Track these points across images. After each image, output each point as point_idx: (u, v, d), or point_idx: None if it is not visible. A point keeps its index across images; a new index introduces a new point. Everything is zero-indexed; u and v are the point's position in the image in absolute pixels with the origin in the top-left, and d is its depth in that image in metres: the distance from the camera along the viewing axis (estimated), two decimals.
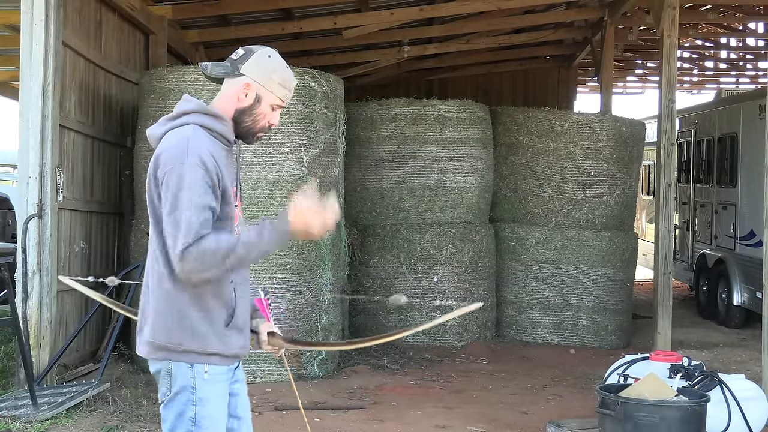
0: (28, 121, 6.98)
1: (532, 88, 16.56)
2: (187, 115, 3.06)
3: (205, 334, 3.01)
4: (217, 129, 3.04)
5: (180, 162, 2.90)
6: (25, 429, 6.00)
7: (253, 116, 3.11)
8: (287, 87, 3.13)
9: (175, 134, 3.00)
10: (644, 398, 5.09)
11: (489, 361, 9.13)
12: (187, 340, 3.00)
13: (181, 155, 2.92)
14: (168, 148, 2.97)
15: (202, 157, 2.92)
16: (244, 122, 3.11)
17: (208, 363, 3.01)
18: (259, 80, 3.08)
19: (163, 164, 2.94)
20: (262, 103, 3.10)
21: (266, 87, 3.09)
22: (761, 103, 10.67)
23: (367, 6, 11.12)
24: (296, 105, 7.80)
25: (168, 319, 3.00)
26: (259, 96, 3.09)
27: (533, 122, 10.32)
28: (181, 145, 2.94)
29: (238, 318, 3.08)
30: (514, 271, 10.28)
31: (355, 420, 6.60)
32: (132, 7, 8.89)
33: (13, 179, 15.82)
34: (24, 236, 6.94)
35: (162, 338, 3.01)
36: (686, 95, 23.49)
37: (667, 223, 9.12)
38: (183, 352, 3.00)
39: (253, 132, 3.15)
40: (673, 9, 9.01)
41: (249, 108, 3.10)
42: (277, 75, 3.11)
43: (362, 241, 9.66)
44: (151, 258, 3.07)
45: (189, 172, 2.90)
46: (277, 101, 3.12)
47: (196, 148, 2.93)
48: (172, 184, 2.90)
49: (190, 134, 2.97)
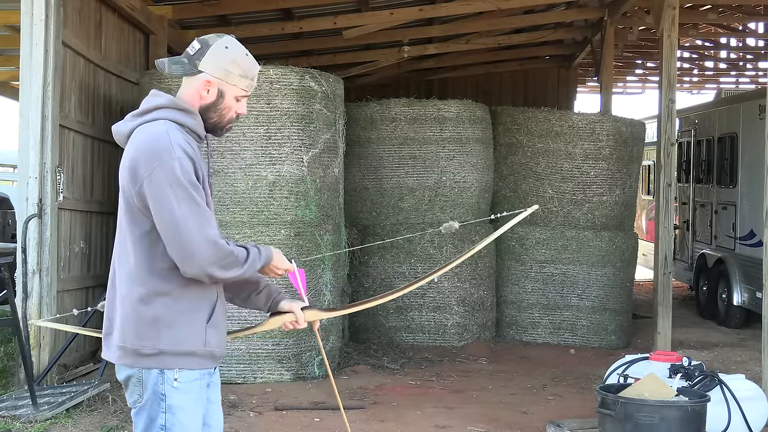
0: (28, 121, 6.98)
1: (532, 88, 16.55)
2: (158, 110, 2.97)
3: (179, 332, 2.92)
4: (188, 124, 2.97)
5: (168, 156, 2.83)
6: (25, 429, 6.01)
7: (219, 111, 3.05)
8: (249, 76, 3.05)
9: (149, 129, 2.92)
10: (644, 398, 5.08)
11: (489, 361, 9.14)
12: (159, 339, 2.91)
13: (166, 149, 2.84)
14: (146, 143, 2.88)
15: (186, 150, 2.87)
16: (211, 118, 3.05)
17: (180, 367, 2.93)
18: (219, 75, 3.00)
19: (145, 162, 2.85)
20: (225, 98, 3.03)
21: (227, 81, 3.01)
22: (761, 103, 10.67)
23: (367, 6, 11.12)
24: (296, 105, 7.80)
25: (139, 321, 2.92)
26: (221, 91, 3.02)
27: (533, 122, 10.32)
28: (162, 140, 2.87)
29: (217, 314, 3.02)
30: (514, 271, 10.28)
31: (355, 420, 6.59)
32: (132, 7, 8.89)
33: (13, 179, 15.83)
34: (24, 236, 6.94)
35: (132, 341, 2.92)
36: (686, 95, 23.51)
37: (667, 223, 9.13)
38: (154, 355, 2.91)
39: (221, 126, 3.09)
40: (673, 9, 9.02)
41: (213, 104, 3.03)
42: (237, 67, 3.02)
43: (362, 241, 9.66)
44: (120, 258, 2.99)
45: (180, 164, 2.84)
46: (240, 92, 3.05)
47: (177, 141, 2.88)
48: (166, 178, 2.82)
49: (165, 129, 2.90)
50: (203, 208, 2.87)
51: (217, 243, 2.86)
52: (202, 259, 2.84)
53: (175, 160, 2.83)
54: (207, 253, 2.84)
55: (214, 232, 2.86)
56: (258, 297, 3.28)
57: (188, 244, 2.83)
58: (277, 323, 3.28)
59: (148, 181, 2.84)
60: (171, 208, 2.82)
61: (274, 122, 7.77)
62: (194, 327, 2.94)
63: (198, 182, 2.89)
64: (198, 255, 2.84)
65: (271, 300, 3.27)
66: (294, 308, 3.25)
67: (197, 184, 2.88)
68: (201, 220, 2.84)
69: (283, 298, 3.29)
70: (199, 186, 2.89)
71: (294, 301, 3.30)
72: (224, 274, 2.90)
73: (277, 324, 3.28)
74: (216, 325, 3.01)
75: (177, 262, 2.86)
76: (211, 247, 2.85)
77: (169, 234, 2.85)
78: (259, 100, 7.72)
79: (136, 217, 2.92)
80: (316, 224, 7.96)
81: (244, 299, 3.27)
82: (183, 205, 2.82)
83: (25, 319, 6.83)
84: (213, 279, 2.91)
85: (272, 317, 3.28)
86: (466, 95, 11.60)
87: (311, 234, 7.88)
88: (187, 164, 2.86)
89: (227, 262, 2.90)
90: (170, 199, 2.82)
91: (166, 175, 2.82)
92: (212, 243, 2.85)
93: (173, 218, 2.82)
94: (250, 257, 2.97)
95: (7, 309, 7.07)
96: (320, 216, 8.03)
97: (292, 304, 3.26)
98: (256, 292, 3.28)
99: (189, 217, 2.82)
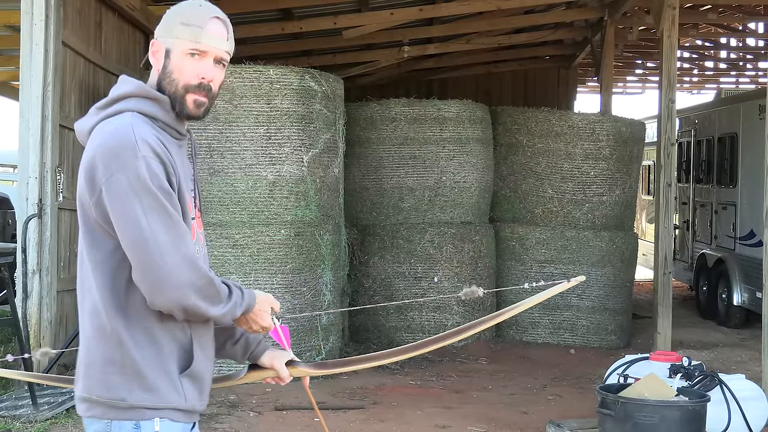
0: (28, 121, 6.98)
1: (532, 88, 16.55)
2: (125, 99, 2.45)
3: (154, 382, 2.34)
4: (161, 117, 2.43)
5: (131, 155, 2.28)
6: (25, 429, 6.01)
7: (168, 76, 2.45)
8: (193, 23, 2.43)
9: (111, 124, 2.38)
10: (644, 398, 5.08)
11: (489, 361, 9.14)
12: (131, 392, 2.34)
13: (129, 147, 2.29)
14: (105, 142, 2.33)
15: (154, 149, 2.32)
16: (165, 89, 2.45)
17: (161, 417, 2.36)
18: (161, 34, 2.48)
19: (104, 163, 2.30)
20: (171, 57, 2.45)
21: (170, 36, 2.45)
22: (761, 103, 10.67)
23: (367, 6, 11.12)
24: (296, 105, 7.81)
25: (106, 367, 2.35)
26: (167, 51, 2.45)
27: (533, 122, 10.32)
28: (124, 135, 2.31)
29: (197, 365, 2.42)
30: (514, 271, 10.28)
31: (355, 420, 6.60)
32: (132, 7, 8.89)
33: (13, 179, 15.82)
34: (24, 236, 6.94)
35: (99, 392, 2.35)
36: (686, 95, 23.51)
37: (667, 223, 9.13)
38: (128, 408, 2.34)
39: (179, 96, 2.44)
40: (673, 9, 9.02)
41: (162, 69, 2.46)
42: (179, 15, 2.46)
43: (362, 241, 9.66)
44: (82, 289, 2.42)
45: (146, 165, 2.29)
46: (188, 45, 2.43)
47: (144, 137, 2.32)
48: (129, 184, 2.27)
49: (131, 122, 2.35)
50: (177, 220, 2.30)
51: (196, 263, 2.30)
52: (177, 284, 2.26)
53: (141, 160, 2.28)
54: (183, 276, 2.27)
55: (191, 252, 2.31)
56: (235, 347, 2.70)
57: (158, 266, 2.25)
58: (256, 378, 2.75)
59: (107, 188, 2.28)
60: (136, 221, 2.26)
61: (274, 122, 7.77)
62: (169, 377, 2.37)
63: (172, 189, 2.34)
64: (171, 279, 2.26)
65: (249, 352, 2.71)
66: (276, 365, 2.68)
67: (170, 191, 2.32)
68: (174, 235, 2.27)
69: (265, 349, 2.71)
70: (173, 194, 2.33)
71: (277, 352, 2.73)
72: (205, 308, 2.32)
73: (257, 378, 2.75)
74: (194, 376, 2.42)
75: (144, 289, 2.29)
76: (189, 269, 2.28)
77: (134, 253, 2.27)
78: (259, 100, 7.72)
79: (96, 235, 2.36)
80: (316, 224, 7.96)
81: (218, 348, 2.63)
82: (152, 216, 2.26)
83: (25, 319, 6.83)
84: (189, 313, 2.31)
85: (251, 371, 2.72)
86: (466, 95, 11.59)
87: (311, 234, 7.88)
88: (156, 165, 2.30)
89: (209, 293, 2.32)
90: (135, 209, 2.26)
91: (130, 179, 2.26)
92: (190, 263, 2.29)
93: (139, 233, 2.26)
94: (233, 297, 2.40)
95: (7, 309, 7.06)
96: (320, 216, 8.03)
97: (275, 360, 2.69)
98: (232, 341, 2.69)
99: (160, 232, 2.26)
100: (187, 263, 2.28)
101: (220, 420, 6.43)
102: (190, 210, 2.43)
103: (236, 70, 7.71)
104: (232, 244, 7.63)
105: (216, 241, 7.60)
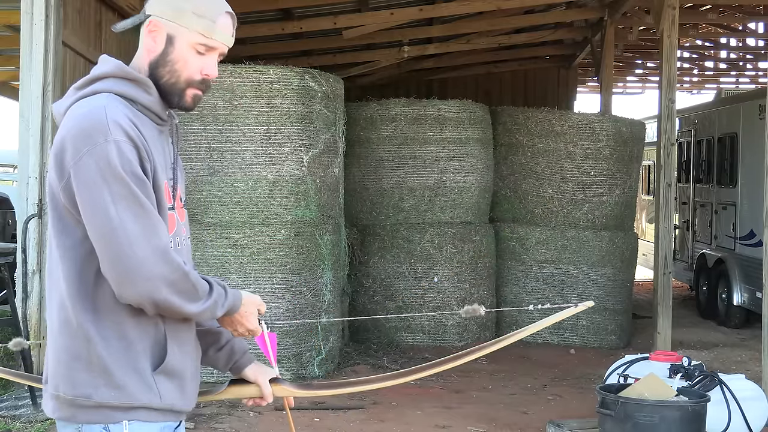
0: (28, 121, 6.98)
1: (532, 88, 16.54)
2: (101, 80, 2.28)
3: (121, 379, 2.19)
4: (141, 100, 2.27)
5: (102, 138, 2.13)
6: (25, 429, 6.01)
7: (169, 65, 2.30)
8: (207, 15, 2.29)
9: (83, 105, 2.22)
10: (644, 398, 5.09)
11: (489, 361, 9.13)
12: (98, 389, 2.19)
13: (99, 129, 2.14)
14: (77, 124, 2.17)
15: (127, 131, 2.17)
16: (162, 77, 2.30)
17: (129, 419, 2.21)
18: (166, 15, 2.29)
19: (73, 146, 2.15)
20: (176, 45, 2.29)
21: (177, 22, 2.28)
22: (761, 103, 10.67)
23: (367, 6, 11.12)
24: (296, 105, 7.81)
25: (71, 363, 2.21)
26: (170, 36, 2.29)
27: (533, 122, 10.33)
28: (96, 117, 2.16)
29: (171, 361, 2.27)
30: (514, 271, 10.28)
31: (355, 420, 6.60)
32: (132, 7, 8.88)
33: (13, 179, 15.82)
34: (24, 236, 6.93)
35: (67, 390, 2.21)
36: (686, 95, 23.51)
37: (667, 223, 9.13)
38: (95, 407, 2.19)
39: (178, 89, 2.31)
40: (673, 9, 9.02)
41: (162, 56, 2.30)
42: (190, 4, 2.29)
43: (362, 241, 9.67)
44: (50, 280, 2.27)
45: (117, 148, 2.14)
46: (197, 39, 2.29)
47: (116, 119, 2.17)
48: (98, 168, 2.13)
49: (104, 103, 2.20)
50: (148, 209, 2.15)
51: (169, 256, 2.15)
52: (148, 276, 2.12)
53: (111, 143, 2.13)
54: (155, 267, 2.13)
55: (164, 243, 2.16)
56: (218, 354, 2.55)
57: (127, 257, 2.11)
58: (235, 395, 2.59)
59: (75, 171, 2.14)
60: (104, 207, 2.12)
61: (274, 122, 7.77)
62: (140, 370, 2.22)
63: (146, 176, 2.19)
64: (141, 270, 2.12)
65: (233, 361, 2.55)
66: (260, 380, 2.53)
67: (143, 178, 2.17)
68: (145, 225, 2.13)
69: (250, 361, 2.56)
70: (146, 181, 2.18)
71: (262, 367, 2.57)
72: (179, 304, 2.17)
73: (236, 396, 2.60)
74: (168, 373, 2.26)
75: (111, 281, 2.15)
76: (160, 261, 2.13)
77: (102, 243, 2.13)
78: (259, 100, 7.73)
79: (64, 221, 2.21)
80: (316, 224, 7.96)
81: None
82: (121, 204, 2.12)
83: (25, 319, 6.83)
84: (161, 308, 2.17)
85: (232, 386, 2.56)
86: (466, 95, 11.60)
87: (311, 234, 7.88)
88: (128, 150, 2.15)
89: (183, 287, 2.17)
90: (103, 196, 2.12)
91: (99, 163, 2.12)
92: (162, 254, 2.14)
93: (107, 221, 2.12)
94: (213, 295, 2.24)
95: (7, 309, 7.06)
96: (320, 216, 8.03)
97: (259, 376, 2.54)
98: (216, 347, 2.54)
99: (129, 221, 2.12)
100: (158, 255, 2.13)
101: (220, 420, 6.43)
102: (167, 199, 2.28)
103: (236, 70, 7.71)
104: (232, 244, 7.64)
105: (216, 241, 7.60)
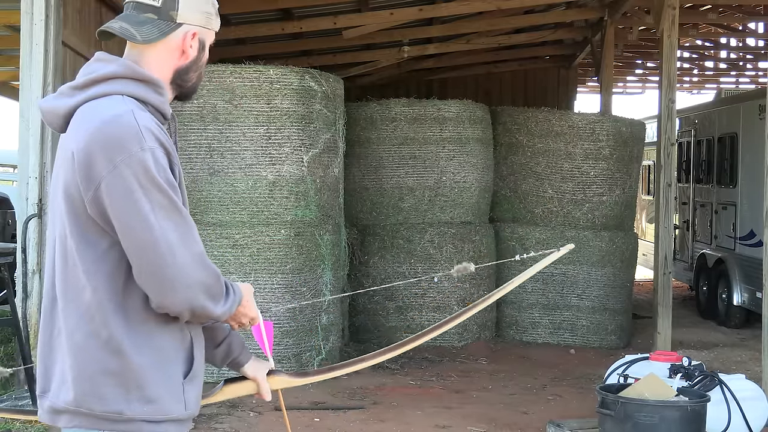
0: (28, 121, 6.97)
1: (532, 88, 16.54)
2: (111, 81, 2.18)
3: (156, 391, 2.15)
4: (152, 101, 2.21)
5: (138, 146, 2.08)
6: (25, 429, 6.01)
7: (200, 69, 2.34)
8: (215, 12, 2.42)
9: (103, 108, 2.13)
10: (644, 398, 5.09)
11: (489, 361, 9.14)
12: (131, 404, 2.13)
13: (134, 137, 2.08)
14: (103, 128, 2.09)
15: (160, 139, 2.13)
16: (190, 80, 2.32)
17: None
18: (200, 23, 2.33)
19: (104, 155, 2.07)
20: (205, 49, 2.36)
21: (207, 27, 2.36)
22: (761, 103, 10.67)
23: (367, 6, 11.12)
24: (296, 105, 7.81)
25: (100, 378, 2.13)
26: (202, 42, 2.33)
27: (533, 122, 10.33)
28: (127, 123, 2.09)
29: (197, 364, 2.27)
30: (514, 271, 10.26)
31: (355, 420, 6.60)
32: None
33: (13, 179, 15.82)
34: (24, 236, 6.93)
35: (92, 405, 2.13)
36: (686, 95, 23.51)
37: (667, 223, 9.13)
38: (124, 421, 2.14)
39: (196, 88, 2.37)
40: (673, 9, 9.02)
41: (194, 62, 2.32)
42: (211, 5, 2.39)
43: (362, 241, 9.67)
44: (66, 288, 2.18)
45: (153, 157, 2.09)
46: (212, 36, 2.40)
47: (147, 125, 2.11)
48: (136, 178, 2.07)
49: (130, 107, 2.13)
50: (185, 216, 2.14)
51: (206, 260, 2.15)
52: (189, 283, 2.10)
53: (147, 152, 2.08)
54: (195, 274, 2.11)
55: (201, 248, 2.15)
56: (215, 351, 2.50)
57: (171, 268, 2.08)
58: (232, 394, 2.55)
59: (110, 182, 2.07)
60: (145, 219, 2.07)
61: (274, 122, 7.77)
62: (172, 384, 2.19)
63: (175, 181, 2.17)
64: (185, 281, 2.10)
65: (231, 358, 2.52)
66: (258, 377, 2.50)
67: (175, 184, 2.15)
68: (184, 232, 2.11)
69: (248, 358, 2.53)
70: (177, 187, 2.16)
71: (260, 362, 2.55)
72: (212, 308, 2.16)
73: (233, 395, 2.56)
74: (193, 379, 2.26)
75: (151, 293, 2.11)
76: (199, 267, 2.12)
77: (142, 255, 2.09)
78: (259, 100, 7.73)
79: (88, 232, 2.14)
80: (316, 224, 7.96)
81: None
82: (161, 213, 2.08)
83: (25, 319, 6.83)
84: (196, 314, 2.16)
85: (228, 385, 2.53)
86: (466, 95, 11.60)
87: (311, 234, 7.88)
88: (161, 156, 2.11)
89: (216, 291, 2.17)
90: (143, 207, 2.07)
91: (136, 173, 2.07)
92: (201, 262, 2.13)
93: (148, 232, 2.07)
94: (230, 294, 2.24)
95: (7, 309, 7.06)
96: (320, 216, 8.03)
97: (257, 372, 2.51)
98: (213, 344, 2.49)
99: (169, 229, 2.08)
100: (197, 261, 2.12)
101: (220, 420, 6.43)
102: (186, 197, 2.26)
103: (236, 70, 7.71)
104: (232, 244, 7.64)
105: (216, 241, 7.60)
